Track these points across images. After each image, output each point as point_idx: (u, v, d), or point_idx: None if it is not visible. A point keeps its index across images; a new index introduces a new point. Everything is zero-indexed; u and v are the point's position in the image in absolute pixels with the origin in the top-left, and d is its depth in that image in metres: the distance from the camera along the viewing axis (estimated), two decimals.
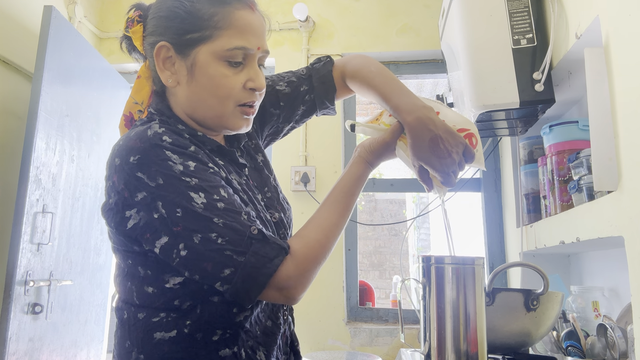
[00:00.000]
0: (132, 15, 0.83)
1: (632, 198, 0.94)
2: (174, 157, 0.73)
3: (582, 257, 1.73)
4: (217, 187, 0.74)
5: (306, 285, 0.76)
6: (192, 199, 0.71)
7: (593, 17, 1.13)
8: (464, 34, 1.44)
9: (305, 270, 0.75)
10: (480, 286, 0.93)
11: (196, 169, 0.73)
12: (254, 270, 0.71)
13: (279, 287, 0.73)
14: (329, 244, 0.80)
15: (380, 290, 6.17)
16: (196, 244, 0.71)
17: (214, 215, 0.71)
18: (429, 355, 0.94)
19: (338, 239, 0.82)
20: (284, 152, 2.31)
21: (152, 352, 0.75)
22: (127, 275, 0.79)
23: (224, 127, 0.83)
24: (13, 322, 1.70)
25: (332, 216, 0.82)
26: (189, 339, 0.75)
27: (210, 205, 0.71)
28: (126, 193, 0.73)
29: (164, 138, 0.74)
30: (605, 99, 1.07)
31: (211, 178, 0.74)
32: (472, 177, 2.13)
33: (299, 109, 1.05)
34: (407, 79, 2.57)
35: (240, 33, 0.78)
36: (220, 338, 0.77)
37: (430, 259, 0.95)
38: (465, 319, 0.91)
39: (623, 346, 1.08)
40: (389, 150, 0.88)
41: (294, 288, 0.74)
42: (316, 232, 0.79)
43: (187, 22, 0.78)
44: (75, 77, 2.09)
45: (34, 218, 1.81)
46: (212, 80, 0.78)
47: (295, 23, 2.41)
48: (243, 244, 0.71)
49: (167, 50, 0.79)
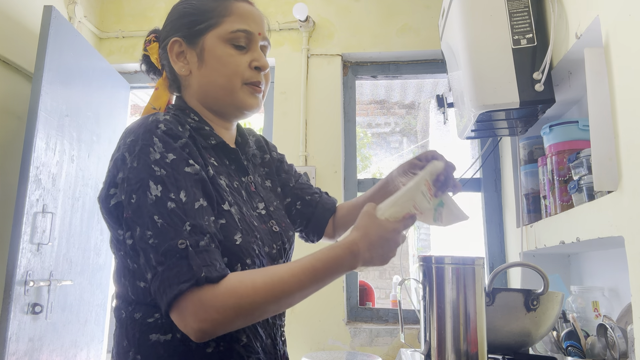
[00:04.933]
0: (149, 38, 0.92)
1: (632, 198, 0.94)
2: (158, 144, 0.74)
3: (582, 257, 1.73)
4: (181, 187, 0.72)
5: (213, 326, 0.67)
6: (149, 188, 0.71)
7: (593, 17, 1.13)
8: (464, 34, 1.44)
9: (220, 309, 0.66)
10: (480, 286, 0.93)
11: (172, 162, 0.73)
12: (163, 284, 0.67)
13: (180, 313, 0.67)
14: (265, 306, 0.70)
15: (380, 290, 6.17)
16: (136, 235, 0.71)
17: (158, 213, 0.69)
18: (429, 355, 0.94)
19: (277, 308, 0.72)
20: (284, 152, 2.30)
21: (148, 353, 0.75)
22: (121, 270, 0.80)
23: (236, 107, 0.87)
24: (13, 322, 1.70)
25: (290, 282, 0.72)
26: (182, 346, 0.74)
27: (160, 201, 0.70)
28: (114, 171, 0.76)
29: (160, 125, 0.76)
30: (605, 99, 1.07)
31: (181, 176, 0.73)
32: (472, 177, 2.13)
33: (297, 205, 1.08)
34: (407, 79, 2.57)
35: (241, 18, 0.86)
36: (214, 351, 0.75)
37: (430, 259, 0.95)
38: (465, 319, 0.91)
39: (623, 346, 1.08)
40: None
41: (197, 321, 0.66)
42: (263, 283, 0.70)
43: (195, 16, 0.86)
44: (75, 77, 2.09)
45: (34, 218, 1.81)
46: (220, 60, 0.85)
47: (295, 23, 2.41)
48: (165, 253, 0.68)
49: (179, 44, 0.87)
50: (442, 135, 5.02)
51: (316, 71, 2.38)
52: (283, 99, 2.37)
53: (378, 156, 6.76)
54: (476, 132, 1.68)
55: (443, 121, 1.87)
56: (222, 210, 0.78)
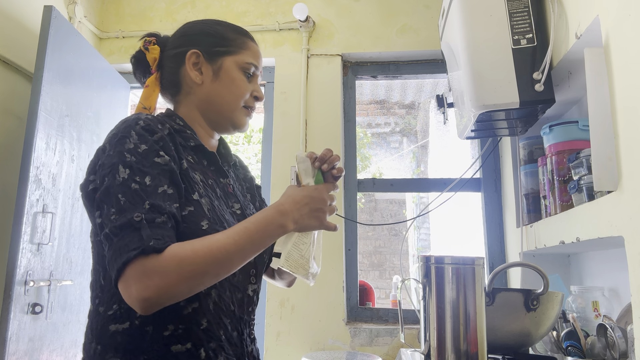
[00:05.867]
0: (149, 39, 1.03)
1: (632, 198, 0.94)
2: (134, 137, 0.82)
3: (582, 257, 1.73)
4: (147, 173, 0.78)
5: (156, 293, 0.71)
6: (118, 172, 0.78)
7: (593, 17, 1.13)
8: (464, 34, 1.44)
9: (161, 273, 0.71)
10: (480, 286, 0.93)
11: (144, 151, 0.80)
12: (115, 254, 0.73)
13: (126, 282, 0.72)
14: (205, 267, 0.75)
15: (380, 290, 6.17)
16: (103, 213, 0.76)
17: (122, 193, 0.76)
18: (429, 355, 0.94)
19: (218, 270, 0.77)
20: (284, 152, 2.31)
21: (107, 342, 0.80)
22: (96, 258, 0.86)
23: (232, 122, 1.00)
24: (13, 322, 1.70)
25: (226, 243, 0.77)
26: (139, 331, 0.79)
27: (125, 183, 0.77)
28: (95, 160, 0.84)
29: (139, 122, 0.84)
30: (605, 99, 1.07)
31: (149, 163, 0.80)
32: (472, 177, 2.13)
33: None
34: (407, 79, 2.57)
35: (253, 55, 1.02)
36: (172, 333, 0.80)
37: (430, 259, 0.95)
38: (465, 319, 0.91)
39: (623, 346, 1.08)
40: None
41: (140, 289, 0.71)
42: (201, 246, 0.76)
43: (217, 39, 1.00)
44: (75, 77, 2.09)
45: (34, 218, 1.81)
46: (234, 82, 0.99)
47: (295, 23, 2.41)
48: (122, 226, 0.74)
49: (197, 56, 0.98)
50: (442, 135, 5.02)
51: (316, 71, 2.38)
52: (283, 99, 2.37)
53: (378, 156, 6.76)
54: (476, 132, 1.68)
55: (443, 121, 1.87)
56: (192, 199, 0.84)
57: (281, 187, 2.25)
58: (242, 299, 0.91)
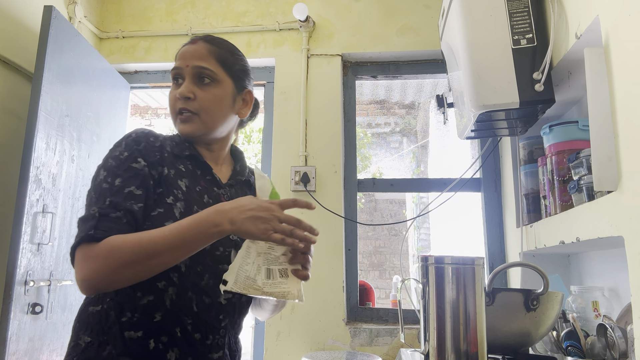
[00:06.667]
0: None
1: (632, 198, 0.94)
2: (122, 146, 0.94)
3: (582, 257, 1.73)
4: (119, 175, 0.89)
5: (91, 274, 0.81)
6: (99, 174, 0.91)
7: (593, 17, 1.13)
8: (464, 34, 1.44)
9: (95, 257, 0.81)
10: (480, 286, 0.93)
11: (124, 157, 0.92)
12: (74, 241, 0.85)
13: (75, 266, 0.83)
14: (133, 256, 0.81)
15: (380, 290, 6.17)
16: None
17: (94, 191, 0.89)
18: (429, 355, 0.94)
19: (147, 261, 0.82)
20: (284, 152, 2.31)
21: (84, 321, 0.91)
22: None
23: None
24: (13, 322, 1.70)
25: (156, 236, 0.83)
26: (106, 314, 0.89)
27: (100, 184, 0.89)
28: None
29: (132, 134, 0.96)
30: (605, 99, 1.07)
31: (125, 167, 0.90)
32: (472, 177, 2.13)
33: None
34: (407, 79, 2.57)
35: (176, 61, 1.03)
36: (128, 320, 0.87)
37: (430, 259, 0.95)
38: (465, 319, 0.91)
39: (623, 346, 1.08)
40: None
41: (80, 271, 0.82)
42: (133, 237, 0.83)
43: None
44: (75, 77, 2.09)
45: (34, 218, 1.81)
46: (169, 97, 1.03)
47: (295, 23, 2.41)
48: (82, 218, 0.86)
49: None
50: (442, 135, 5.03)
51: (316, 71, 2.38)
52: (283, 99, 2.37)
53: (378, 156, 6.76)
54: (476, 132, 1.68)
55: (443, 121, 1.87)
56: (164, 202, 0.91)
57: (281, 187, 2.25)
58: (210, 304, 0.92)
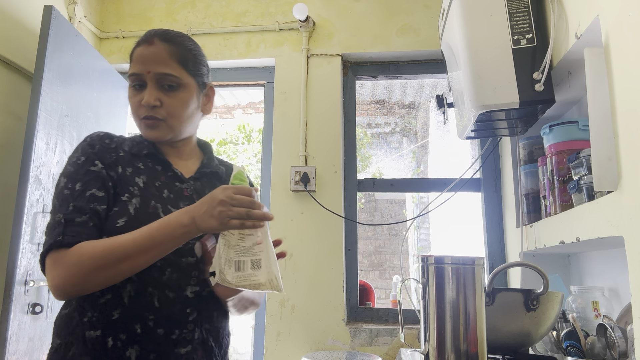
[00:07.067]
0: None
1: (632, 198, 0.94)
2: (79, 151, 0.97)
3: (582, 257, 1.73)
4: (78, 180, 0.92)
5: (62, 281, 0.84)
6: (60, 182, 0.94)
7: (593, 17, 1.13)
8: (464, 34, 1.44)
9: (65, 264, 0.84)
10: (480, 286, 0.93)
11: (82, 162, 0.95)
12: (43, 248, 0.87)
13: (46, 274, 0.86)
14: (103, 261, 0.84)
15: (380, 290, 6.17)
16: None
17: (57, 198, 0.92)
18: (429, 355, 0.94)
19: (117, 265, 0.84)
20: (284, 152, 2.31)
21: (56, 324, 0.95)
22: None
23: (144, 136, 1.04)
24: (13, 322, 1.70)
25: (126, 241, 0.86)
26: (70, 316, 0.92)
27: (62, 190, 0.92)
28: None
29: (87, 139, 0.99)
30: (605, 99, 1.07)
31: (83, 172, 0.93)
32: (472, 177, 2.13)
33: None
34: (407, 79, 2.57)
35: (135, 63, 1.00)
36: (89, 320, 0.89)
37: (430, 259, 0.95)
38: (465, 319, 0.91)
39: (623, 346, 1.08)
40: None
41: (51, 278, 0.85)
42: (103, 243, 0.86)
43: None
44: (75, 77, 2.09)
45: (34, 218, 1.81)
46: (129, 101, 1.03)
47: (295, 23, 2.41)
48: (49, 226, 0.89)
49: None
50: (442, 135, 5.03)
51: (316, 71, 2.38)
52: (283, 99, 2.37)
53: (378, 156, 6.76)
54: (476, 132, 1.68)
55: (443, 121, 1.87)
56: (119, 200, 0.93)
57: (281, 187, 2.25)
58: (175, 298, 0.91)
